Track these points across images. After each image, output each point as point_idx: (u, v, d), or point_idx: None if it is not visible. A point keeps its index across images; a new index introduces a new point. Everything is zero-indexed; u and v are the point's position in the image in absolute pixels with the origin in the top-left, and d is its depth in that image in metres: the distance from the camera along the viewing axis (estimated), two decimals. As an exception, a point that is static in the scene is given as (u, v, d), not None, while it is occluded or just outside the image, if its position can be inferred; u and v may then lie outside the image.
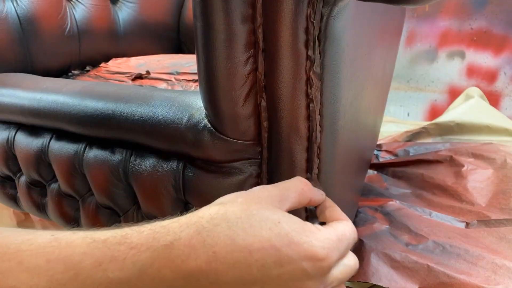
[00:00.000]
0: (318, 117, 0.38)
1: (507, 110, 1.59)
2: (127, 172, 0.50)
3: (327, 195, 0.43)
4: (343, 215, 0.35)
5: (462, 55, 1.63)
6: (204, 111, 0.43)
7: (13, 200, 0.67)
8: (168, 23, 0.99)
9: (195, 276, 0.26)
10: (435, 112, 1.75)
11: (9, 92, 0.59)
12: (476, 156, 0.78)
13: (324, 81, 0.37)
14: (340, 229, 0.31)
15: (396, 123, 1.25)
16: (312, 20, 0.34)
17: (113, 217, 0.55)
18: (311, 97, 0.38)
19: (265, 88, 0.39)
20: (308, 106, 0.38)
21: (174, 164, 0.46)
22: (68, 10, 0.77)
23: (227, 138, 0.41)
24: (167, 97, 0.47)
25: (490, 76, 1.60)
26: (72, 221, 0.60)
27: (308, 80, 0.37)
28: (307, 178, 0.40)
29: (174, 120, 0.44)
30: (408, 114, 1.82)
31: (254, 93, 0.40)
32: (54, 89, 0.56)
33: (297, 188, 0.33)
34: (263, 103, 0.40)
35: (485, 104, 1.10)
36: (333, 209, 0.36)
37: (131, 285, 0.25)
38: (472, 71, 1.63)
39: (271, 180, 0.43)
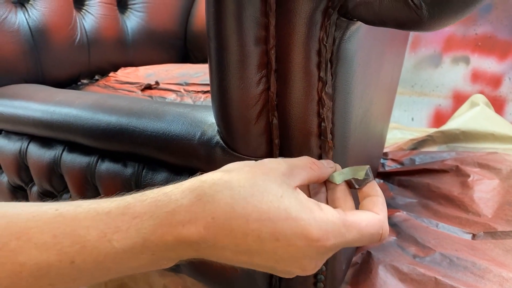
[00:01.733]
0: (329, 136, 0.39)
1: (511, 116, 1.59)
2: (139, 185, 0.51)
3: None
4: (378, 208, 0.32)
5: (466, 60, 1.63)
6: (216, 128, 0.44)
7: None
8: (175, 31, 1.00)
9: (195, 241, 0.27)
10: (439, 117, 1.75)
11: (23, 104, 0.60)
12: (482, 166, 0.78)
13: (335, 101, 0.38)
14: (357, 218, 0.29)
15: (400, 129, 1.25)
16: (324, 43, 0.35)
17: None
18: (322, 116, 0.38)
19: (277, 107, 0.40)
20: (319, 125, 0.39)
21: (186, 178, 0.47)
22: (78, 20, 0.78)
23: (239, 155, 0.42)
24: (180, 113, 0.48)
25: (495, 81, 1.60)
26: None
27: (320, 100, 0.38)
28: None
29: (187, 136, 0.45)
30: (412, 119, 1.82)
31: (266, 111, 0.40)
32: (66, 102, 0.57)
33: (306, 166, 0.33)
34: (275, 121, 0.41)
35: (490, 112, 1.11)
36: (370, 199, 0.33)
37: (136, 253, 0.26)
38: (476, 76, 1.63)
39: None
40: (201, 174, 0.30)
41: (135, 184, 0.51)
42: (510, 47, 1.53)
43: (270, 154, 0.42)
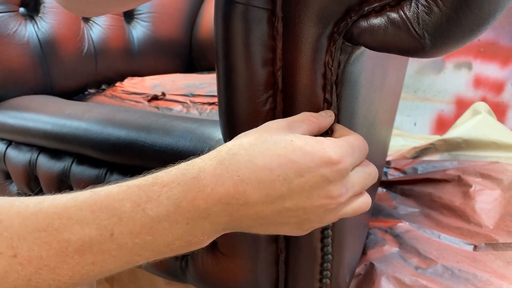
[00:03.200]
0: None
1: (514, 121, 1.60)
2: (147, 198, 0.52)
3: (342, 224, 0.45)
4: (352, 132, 0.36)
5: (469, 66, 1.64)
6: (223, 141, 0.45)
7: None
8: (180, 40, 1.01)
9: (226, 200, 0.28)
10: (442, 122, 1.76)
11: (33, 116, 0.62)
12: (483, 176, 0.79)
13: (340, 121, 0.39)
14: (351, 139, 0.33)
15: (403, 136, 1.26)
16: (330, 66, 0.36)
17: (132, 240, 0.57)
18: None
19: (283, 113, 0.41)
20: (324, 144, 0.40)
21: (193, 192, 0.48)
22: (85, 31, 0.80)
23: (246, 172, 0.43)
24: (188, 128, 0.49)
25: (497, 87, 1.61)
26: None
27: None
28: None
29: (195, 152, 0.46)
30: (415, 124, 1.83)
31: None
32: (76, 115, 0.58)
33: (305, 119, 0.35)
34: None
35: (492, 120, 1.11)
36: (343, 129, 0.37)
37: (171, 220, 0.28)
38: (479, 82, 1.64)
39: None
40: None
41: (144, 197, 0.52)
42: (512, 53, 1.54)
43: (276, 171, 0.44)
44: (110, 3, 0.54)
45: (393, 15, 0.31)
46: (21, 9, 0.70)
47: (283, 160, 0.28)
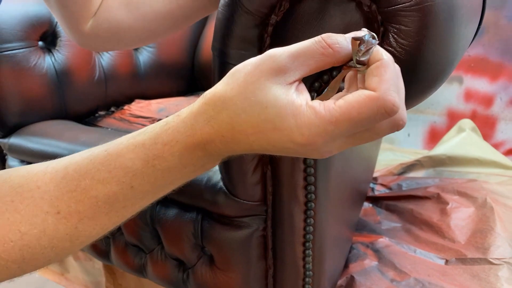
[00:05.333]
0: (312, 187, 0.48)
1: (503, 133, 1.66)
2: (153, 218, 0.59)
3: (322, 242, 0.52)
4: (378, 80, 0.27)
5: (460, 80, 1.70)
6: (220, 175, 0.52)
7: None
8: (183, 63, 1.09)
9: (218, 152, 0.32)
10: (434, 133, 1.82)
11: (51, 142, 0.69)
12: (460, 194, 0.86)
13: (317, 160, 0.46)
14: (347, 108, 0.27)
15: (393, 150, 1.33)
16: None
17: (139, 254, 0.65)
18: (307, 171, 0.47)
19: (270, 161, 0.48)
20: (305, 179, 0.47)
21: (194, 215, 0.56)
22: (96, 60, 0.87)
23: (238, 200, 0.51)
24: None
25: (487, 101, 1.67)
26: (103, 255, 0.69)
27: (305, 160, 0.46)
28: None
29: (195, 180, 0.54)
30: (408, 135, 1.90)
31: (261, 165, 0.49)
32: (90, 143, 0.65)
33: (316, 53, 0.29)
34: (269, 173, 0.49)
35: (476, 137, 1.19)
36: (372, 71, 0.28)
37: (178, 171, 0.33)
38: (469, 96, 1.70)
39: (275, 233, 0.53)
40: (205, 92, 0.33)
41: (150, 217, 0.59)
42: (501, 68, 1.60)
43: (264, 199, 0.51)
44: (128, 43, 0.61)
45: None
46: (40, 43, 0.78)
47: (255, 130, 0.29)
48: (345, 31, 0.34)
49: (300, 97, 0.29)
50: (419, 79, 0.35)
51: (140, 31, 0.58)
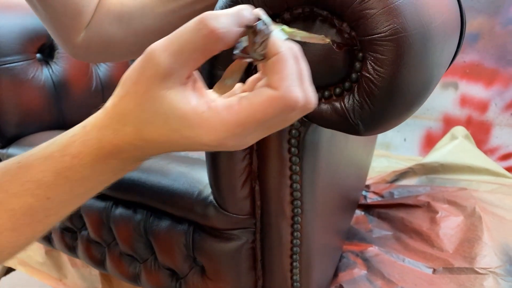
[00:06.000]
0: (299, 202, 0.49)
1: (498, 139, 1.68)
2: (147, 229, 0.61)
3: (309, 254, 0.54)
4: (277, 77, 0.27)
5: (455, 86, 1.72)
6: (210, 189, 0.54)
7: (47, 240, 0.79)
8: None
9: (131, 156, 0.32)
10: (430, 138, 1.84)
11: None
12: (450, 202, 0.88)
13: (303, 176, 0.48)
14: (249, 111, 0.27)
15: (387, 157, 1.35)
16: (292, 135, 0.45)
17: (133, 263, 0.66)
18: (293, 187, 0.49)
19: (258, 177, 0.50)
20: (291, 194, 0.49)
21: (185, 227, 0.58)
22: (93, 71, 0.89)
23: (228, 213, 0.52)
24: (181, 172, 0.58)
25: (482, 106, 1.69)
26: (98, 263, 0.71)
27: (291, 176, 0.48)
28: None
29: (187, 194, 0.55)
30: (404, 140, 1.91)
31: (250, 180, 0.51)
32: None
33: (198, 43, 0.27)
34: (257, 188, 0.51)
35: (468, 145, 1.20)
36: (269, 66, 0.27)
37: (95, 178, 0.32)
38: (465, 101, 1.72)
39: (263, 245, 0.54)
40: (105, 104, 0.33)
41: (144, 229, 0.61)
42: (496, 74, 1.62)
43: (253, 213, 0.53)
44: (120, 57, 0.62)
45: (336, 104, 0.40)
46: (38, 55, 0.80)
47: (165, 139, 0.29)
48: (326, 56, 0.36)
49: (201, 100, 0.28)
50: (395, 104, 0.37)
51: (132, 46, 0.59)
